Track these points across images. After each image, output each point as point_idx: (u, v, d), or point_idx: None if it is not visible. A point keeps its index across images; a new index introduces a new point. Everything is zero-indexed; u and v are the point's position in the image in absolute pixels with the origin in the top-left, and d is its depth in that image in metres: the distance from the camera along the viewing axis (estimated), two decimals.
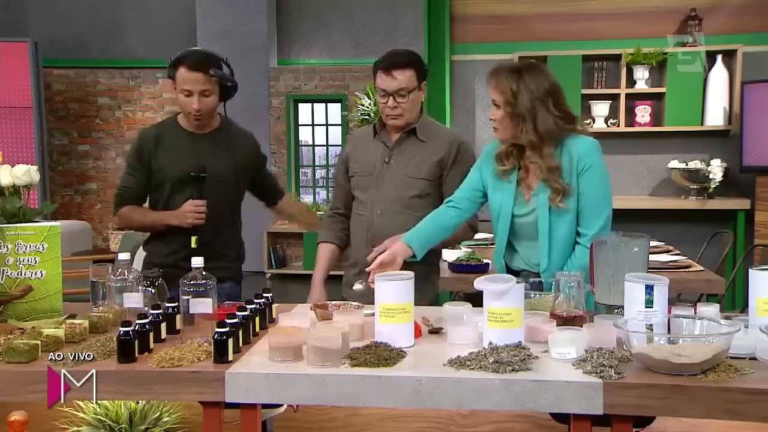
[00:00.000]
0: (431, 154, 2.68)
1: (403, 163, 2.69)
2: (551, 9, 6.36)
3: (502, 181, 2.36)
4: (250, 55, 7.98)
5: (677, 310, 1.91)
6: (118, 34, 8.47)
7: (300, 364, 1.72)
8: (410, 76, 2.63)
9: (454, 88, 6.46)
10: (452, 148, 2.68)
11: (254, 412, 1.70)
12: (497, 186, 2.38)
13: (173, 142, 2.78)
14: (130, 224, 2.87)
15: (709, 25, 6.09)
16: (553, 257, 2.30)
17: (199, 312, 1.98)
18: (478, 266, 3.49)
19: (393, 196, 2.68)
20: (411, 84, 2.63)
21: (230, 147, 2.79)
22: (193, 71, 2.67)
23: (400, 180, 2.68)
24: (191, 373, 1.68)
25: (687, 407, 1.56)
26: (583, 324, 1.91)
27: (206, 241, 2.65)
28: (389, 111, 2.65)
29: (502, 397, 1.60)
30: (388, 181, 2.69)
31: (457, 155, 2.68)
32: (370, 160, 2.74)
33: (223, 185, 2.75)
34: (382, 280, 1.87)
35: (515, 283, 1.77)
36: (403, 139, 2.72)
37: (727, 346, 1.62)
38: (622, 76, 6.18)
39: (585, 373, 1.62)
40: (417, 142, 2.70)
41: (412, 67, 2.64)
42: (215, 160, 2.74)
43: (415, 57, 2.71)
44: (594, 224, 2.28)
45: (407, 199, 2.66)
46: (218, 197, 2.73)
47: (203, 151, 2.75)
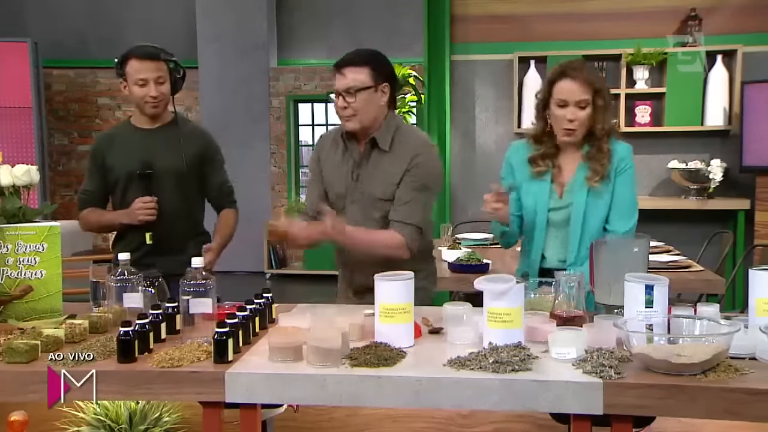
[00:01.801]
0: (392, 170, 2.45)
1: (370, 181, 2.48)
2: (551, 9, 6.36)
3: (535, 181, 2.50)
4: (250, 56, 7.98)
5: (677, 310, 1.92)
6: (118, 34, 8.45)
7: (300, 364, 1.72)
8: (363, 75, 2.42)
9: (454, 89, 6.46)
10: (414, 159, 2.43)
11: (254, 413, 1.70)
12: (530, 187, 2.51)
13: (124, 141, 2.85)
14: (89, 227, 2.94)
15: (709, 26, 6.09)
16: (582, 251, 2.42)
17: (199, 312, 1.98)
18: (478, 266, 3.49)
19: (361, 217, 2.48)
20: (362, 83, 2.41)
21: (179, 142, 2.79)
22: (145, 60, 2.75)
23: (369, 201, 2.48)
24: (191, 373, 1.68)
25: (687, 407, 1.56)
26: (583, 324, 1.91)
27: (162, 237, 2.71)
28: (340, 111, 2.45)
29: (501, 397, 1.60)
30: (357, 200, 2.50)
31: (416, 163, 2.43)
32: (340, 179, 2.54)
33: (173, 180, 2.77)
34: (382, 280, 1.87)
35: (515, 283, 1.77)
36: (368, 151, 2.49)
37: (726, 346, 1.62)
38: (622, 76, 6.18)
39: (585, 373, 1.62)
40: (381, 155, 2.47)
41: (367, 66, 2.43)
42: (164, 156, 2.78)
43: (373, 56, 2.49)
44: (624, 224, 2.45)
45: (374, 221, 2.47)
46: (169, 193, 2.76)
47: (152, 147, 2.79)
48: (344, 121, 2.48)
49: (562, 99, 2.41)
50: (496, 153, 6.53)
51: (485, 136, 6.54)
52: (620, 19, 6.28)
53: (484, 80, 6.50)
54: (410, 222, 2.41)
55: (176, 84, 2.83)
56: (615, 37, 6.24)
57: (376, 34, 7.60)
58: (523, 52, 6.27)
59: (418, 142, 2.51)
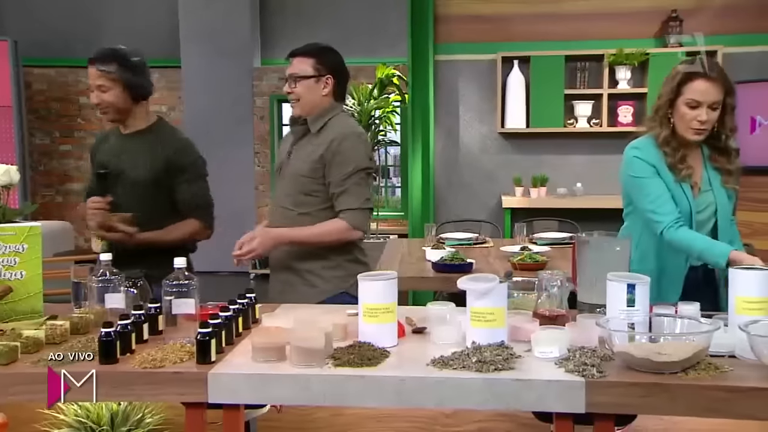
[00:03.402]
0: (315, 149, 2.67)
1: (296, 160, 2.73)
2: (534, 10, 6.39)
3: (678, 184, 2.50)
4: (233, 56, 7.95)
5: (658, 308, 1.93)
6: (100, 33, 8.40)
7: (283, 364, 1.71)
8: (306, 64, 2.68)
9: (438, 89, 6.47)
10: (332, 144, 2.63)
11: (237, 413, 1.69)
12: (677, 191, 2.51)
13: (108, 142, 2.87)
14: None
15: (690, 27, 6.14)
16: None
17: (181, 312, 1.97)
18: (461, 266, 3.50)
19: (285, 192, 2.75)
20: (304, 71, 2.68)
21: (151, 149, 2.74)
22: (90, 66, 2.72)
23: (292, 176, 2.72)
24: (173, 373, 1.67)
25: (667, 405, 1.57)
26: (565, 323, 1.92)
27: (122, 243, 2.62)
28: (287, 95, 2.74)
29: (485, 396, 1.61)
30: (285, 176, 2.76)
31: (338, 149, 2.63)
32: (281, 156, 2.84)
33: (138, 186, 2.70)
34: (365, 280, 1.87)
35: (498, 283, 1.78)
36: (302, 133, 2.76)
37: (706, 345, 1.64)
38: (604, 76, 6.22)
39: (567, 372, 1.62)
40: (311, 137, 2.72)
41: (312, 57, 2.69)
42: (131, 160, 2.73)
43: (319, 48, 2.73)
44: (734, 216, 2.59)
45: (295, 195, 2.71)
46: (133, 198, 2.70)
47: (124, 151, 2.76)
48: (291, 105, 2.76)
49: (695, 99, 2.42)
50: (480, 152, 6.55)
51: (469, 135, 6.56)
52: (603, 19, 6.32)
53: (468, 80, 6.51)
54: (349, 207, 2.63)
55: (136, 90, 2.74)
56: (597, 38, 6.28)
57: (359, 34, 7.61)
58: (507, 52, 6.30)
59: (341, 129, 2.69)
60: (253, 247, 2.61)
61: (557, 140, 6.41)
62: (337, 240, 2.66)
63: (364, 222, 2.69)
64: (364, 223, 2.69)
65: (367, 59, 7.47)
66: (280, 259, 2.76)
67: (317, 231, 2.66)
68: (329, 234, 2.65)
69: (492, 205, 6.52)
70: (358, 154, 2.68)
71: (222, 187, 3.08)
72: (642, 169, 2.53)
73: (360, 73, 7.55)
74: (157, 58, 8.43)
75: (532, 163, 6.46)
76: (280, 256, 2.74)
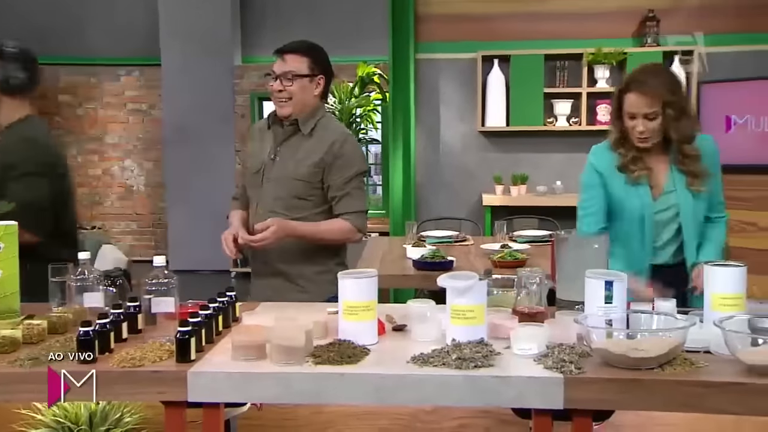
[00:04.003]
0: (311, 153, 2.62)
1: (287, 161, 2.65)
2: (514, 9, 6.42)
3: (634, 185, 2.54)
4: (214, 53, 7.91)
5: (636, 305, 1.95)
6: (79, 30, 8.33)
7: (263, 362, 1.71)
8: (302, 62, 2.61)
9: (419, 87, 6.48)
10: (333, 147, 2.61)
11: (217, 412, 1.69)
12: (629, 193, 2.55)
13: None
14: None
15: (667, 27, 6.20)
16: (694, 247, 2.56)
17: (161, 311, 1.97)
18: (442, 263, 3.51)
19: (274, 195, 2.65)
20: (300, 69, 2.61)
21: (2, 145, 2.63)
22: None
23: (283, 179, 2.64)
24: (152, 372, 1.66)
25: (644, 401, 1.59)
26: (544, 320, 1.94)
27: None
28: (276, 95, 2.63)
29: (464, 393, 1.62)
30: (273, 179, 2.66)
31: (339, 152, 2.61)
32: (259, 157, 2.72)
33: None
34: (345, 278, 1.87)
35: (478, 280, 1.79)
36: (290, 133, 2.67)
37: (682, 341, 1.66)
38: (583, 75, 6.26)
39: (546, 368, 1.64)
40: (301, 138, 2.65)
41: (306, 55, 2.63)
42: None
43: (314, 47, 2.68)
44: (722, 211, 2.64)
45: (287, 199, 2.63)
46: None
47: None
48: (278, 105, 2.65)
49: (630, 112, 2.46)
50: (461, 151, 6.57)
51: (450, 134, 6.58)
52: (581, 19, 6.36)
53: (449, 79, 6.53)
54: (352, 210, 2.63)
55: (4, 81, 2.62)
56: (576, 37, 6.32)
57: (340, 33, 7.60)
58: (487, 51, 6.32)
59: (337, 130, 2.71)
60: (267, 236, 2.50)
61: (537, 139, 6.45)
62: (340, 240, 2.68)
63: (365, 225, 2.69)
64: (365, 226, 2.70)
65: (348, 58, 7.46)
66: (266, 263, 2.69)
67: (325, 228, 2.63)
68: (335, 232, 2.63)
69: (472, 204, 6.54)
70: (358, 157, 2.69)
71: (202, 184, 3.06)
72: (588, 176, 2.64)
73: (341, 72, 7.54)
74: (137, 56, 8.44)
75: (512, 162, 6.49)
76: (267, 259, 2.67)
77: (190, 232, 7.70)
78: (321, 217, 2.65)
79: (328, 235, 2.64)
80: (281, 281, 2.67)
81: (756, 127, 5.56)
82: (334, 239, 2.67)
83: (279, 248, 2.61)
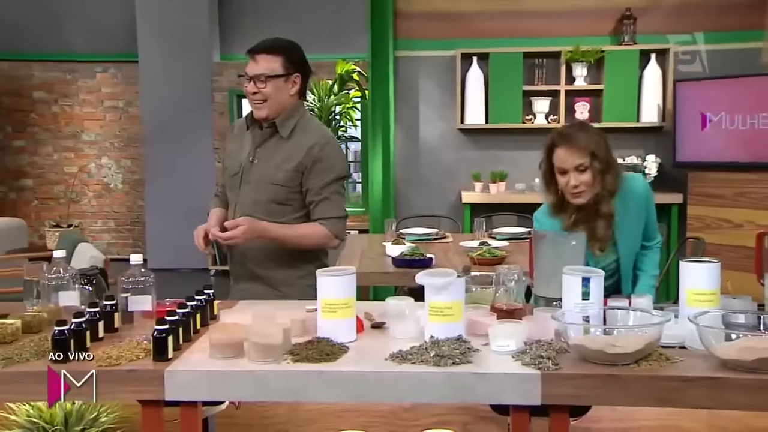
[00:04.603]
0: (290, 157, 2.55)
1: (265, 163, 2.58)
2: (493, 7, 6.44)
3: None
4: (192, 50, 7.86)
5: (613, 301, 1.97)
6: (54, 26, 8.23)
7: (241, 360, 1.71)
8: (275, 62, 2.51)
9: (398, 84, 6.48)
10: (312, 151, 2.54)
11: (194, 410, 1.68)
12: None
13: None
14: None
15: (644, 25, 6.25)
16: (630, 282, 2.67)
17: (138, 309, 1.95)
18: (421, 261, 3.52)
19: (253, 199, 2.57)
20: (273, 70, 2.51)
21: None
22: None
23: (261, 183, 2.57)
24: (129, 371, 1.65)
25: (621, 396, 1.61)
26: (522, 317, 1.95)
27: None
28: (250, 97, 2.55)
29: (443, 390, 1.62)
30: (251, 182, 2.59)
31: (318, 157, 2.54)
32: (238, 158, 2.65)
33: None
34: (324, 275, 1.87)
35: (456, 278, 1.80)
36: (268, 135, 2.59)
37: (658, 336, 1.68)
38: (561, 73, 6.29)
39: (524, 365, 1.65)
40: (279, 141, 2.57)
41: (279, 54, 2.52)
42: None
43: (288, 45, 2.58)
44: (659, 234, 2.73)
45: (265, 203, 2.56)
46: None
47: None
48: (254, 107, 2.57)
49: (560, 167, 2.47)
50: (440, 148, 6.58)
51: (429, 131, 6.58)
52: (560, 17, 6.39)
53: (428, 76, 6.53)
54: (329, 216, 2.56)
55: None
56: (554, 35, 6.35)
57: (319, 30, 7.58)
58: (466, 48, 6.33)
59: (318, 133, 2.62)
60: (236, 234, 2.43)
61: (516, 136, 6.47)
62: (315, 245, 2.59)
63: (343, 231, 2.63)
64: (343, 232, 2.63)
65: (328, 55, 7.44)
66: (244, 267, 2.64)
67: (300, 232, 2.56)
68: (310, 237, 2.56)
69: (452, 201, 6.56)
70: (339, 161, 2.61)
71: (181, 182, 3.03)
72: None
73: (320, 69, 7.52)
74: (114, 53, 8.35)
75: (491, 159, 6.51)
76: (246, 262, 2.62)
77: (168, 230, 7.65)
78: (301, 221, 2.59)
79: (303, 240, 2.57)
80: (260, 286, 2.61)
81: (730, 124, 5.62)
82: (309, 245, 2.59)
83: (259, 253, 2.57)
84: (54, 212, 8.61)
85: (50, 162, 8.55)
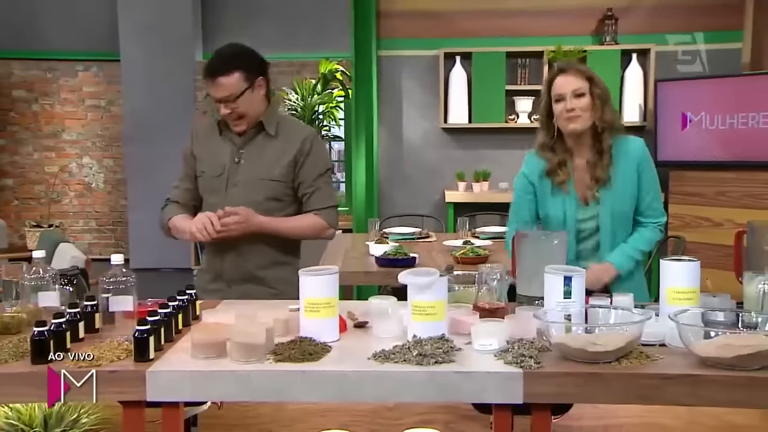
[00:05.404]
0: (283, 153, 2.57)
1: (254, 163, 2.57)
2: (476, 6, 6.46)
3: (559, 193, 2.53)
4: (174, 49, 7.80)
5: (594, 300, 1.98)
6: (35, 25, 8.14)
7: (223, 360, 1.70)
8: (236, 79, 2.48)
9: (381, 84, 6.49)
10: (305, 144, 2.58)
11: (176, 411, 1.67)
12: (555, 200, 2.54)
13: None
14: None
15: (625, 25, 6.30)
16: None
17: (119, 310, 1.94)
18: (405, 260, 3.52)
19: (245, 199, 2.53)
20: (238, 88, 2.48)
21: None
22: None
23: (253, 182, 2.55)
24: (110, 372, 1.64)
25: (602, 394, 1.61)
26: (504, 316, 1.95)
27: None
28: (227, 116, 2.54)
29: (425, 389, 1.62)
30: (240, 183, 2.56)
31: (310, 149, 2.58)
32: (219, 160, 2.60)
33: None
34: (306, 275, 1.86)
35: (438, 277, 1.80)
36: (252, 135, 2.59)
37: (638, 334, 1.69)
38: (544, 72, 6.32)
39: (506, 363, 1.65)
40: (267, 138, 2.59)
41: (237, 69, 2.48)
42: None
43: (238, 58, 2.53)
44: (661, 214, 2.57)
45: (262, 202, 2.54)
46: None
47: None
48: (234, 125, 2.58)
49: (558, 93, 2.47)
50: (423, 147, 6.59)
51: (412, 130, 6.60)
52: (542, 17, 6.43)
53: (411, 76, 6.54)
54: (324, 206, 2.61)
55: None
56: (537, 35, 6.39)
57: (302, 30, 7.55)
58: (449, 48, 6.35)
59: (305, 128, 2.72)
60: (231, 226, 2.43)
61: (499, 135, 6.50)
62: (312, 236, 2.64)
63: (337, 220, 2.67)
64: (337, 221, 2.68)
65: (311, 54, 7.43)
66: (238, 270, 2.60)
67: (297, 224, 2.60)
68: (307, 229, 2.61)
69: (435, 200, 6.57)
70: (326, 153, 2.69)
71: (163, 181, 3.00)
72: (519, 184, 2.66)
73: (303, 69, 7.50)
74: (96, 51, 8.28)
75: (475, 158, 6.54)
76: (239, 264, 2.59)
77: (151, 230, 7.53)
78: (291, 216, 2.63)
79: (300, 231, 2.61)
80: (256, 287, 2.59)
81: (710, 124, 5.68)
82: (306, 235, 2.64)
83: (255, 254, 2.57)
84: (35, 212, 8.52)
85: (30, 161, 8.46)
